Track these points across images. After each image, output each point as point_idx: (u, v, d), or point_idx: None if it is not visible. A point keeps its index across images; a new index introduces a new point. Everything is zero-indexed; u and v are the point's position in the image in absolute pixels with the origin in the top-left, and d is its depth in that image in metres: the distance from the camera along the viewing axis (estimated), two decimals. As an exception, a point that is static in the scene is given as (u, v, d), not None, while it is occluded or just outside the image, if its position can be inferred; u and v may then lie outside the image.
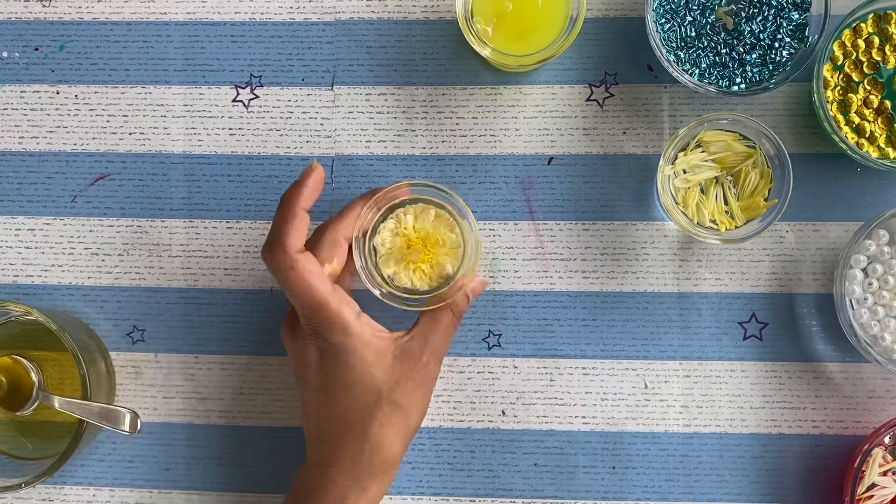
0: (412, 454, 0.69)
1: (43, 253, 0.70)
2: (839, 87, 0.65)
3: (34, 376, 0.68)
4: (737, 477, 0.67)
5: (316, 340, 0.58)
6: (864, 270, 0.66)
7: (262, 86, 0.70)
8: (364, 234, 0.62)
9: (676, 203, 0.66)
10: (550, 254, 0.69)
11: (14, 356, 0.68)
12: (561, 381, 0.68)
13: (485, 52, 0.64)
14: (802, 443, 0.67)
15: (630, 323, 0.68)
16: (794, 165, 0.63)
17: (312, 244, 0.60)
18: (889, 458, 0.65)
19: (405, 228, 0.62)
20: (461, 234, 0.62)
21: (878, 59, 0.65)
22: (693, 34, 0.65)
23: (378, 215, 0.62)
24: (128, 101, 0.70)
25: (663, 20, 0.65)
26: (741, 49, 0.65)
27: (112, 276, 0.70)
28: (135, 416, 0.63)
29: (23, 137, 0.71)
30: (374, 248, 0.63)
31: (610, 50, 0.69)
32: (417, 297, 0.62)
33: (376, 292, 0.61)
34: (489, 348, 0.69)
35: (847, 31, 0.65)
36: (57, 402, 0.65)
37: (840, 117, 0.65)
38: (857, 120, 0.65)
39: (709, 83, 0.65)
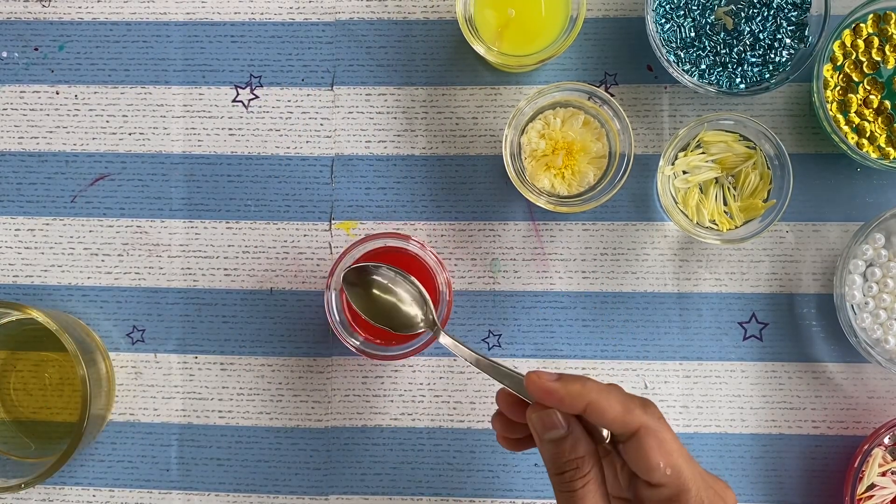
0: (412, 454, 0.69)
1: (42, 253, 0.70)
2: (839, 87, 0.65)
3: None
4: (737, 477, 0.67)
5: None
6: (864, 274, 0.66)
7: (261, 86, 0.70)
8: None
9: (676, 203, 0.66)
10: (550, 254, 0.69)
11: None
12: (561, 382, 0.68)
13: (485, 53, 0.64)
14: (802, 443, 0.67)
15: (630, 323, 0.68)
16: (794, 165, 0.63)
17: None
18: (889, 458, 0.65)
19: (552, 131, 0.62)
20: (609, 145, 0.61)
21: (878, 59, 0.65)
22: (693, 34, 0.65)
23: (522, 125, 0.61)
24: (127, 101, 0.70)
25: (663, 20, 0.65)
26: (741, 49, 0.65)
27: (112, 277, 0.70)
28: None
29: (22, 138, 0.71)
30: (521, 147, 0.62)
31: (610, 50, 0.69)
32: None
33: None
34: (489, 349, 0.69)
35: (847, 31, 0.65)
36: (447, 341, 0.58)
37: (840, 117, 0.65)
38: (857, 120, 0.65)
39: (709, 83, 0.65)
